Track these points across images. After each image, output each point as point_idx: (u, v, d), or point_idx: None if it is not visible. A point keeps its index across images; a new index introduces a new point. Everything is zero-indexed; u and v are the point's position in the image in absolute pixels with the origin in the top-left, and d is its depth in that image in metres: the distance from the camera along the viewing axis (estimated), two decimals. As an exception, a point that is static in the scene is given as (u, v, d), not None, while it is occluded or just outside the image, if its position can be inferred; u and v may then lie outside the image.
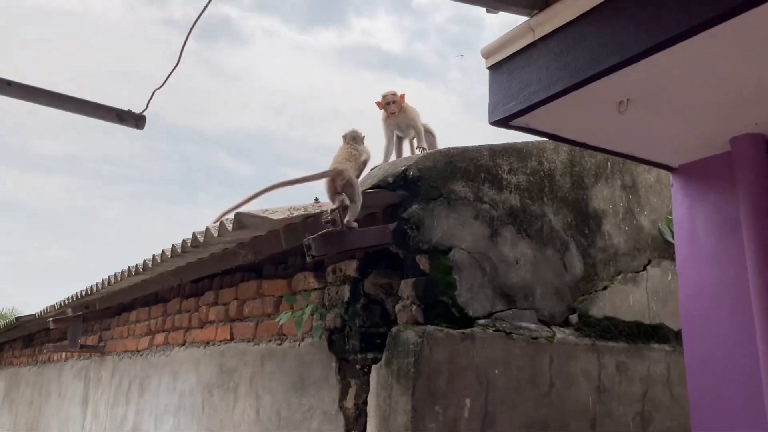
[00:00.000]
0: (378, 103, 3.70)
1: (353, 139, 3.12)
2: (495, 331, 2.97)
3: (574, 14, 2.18)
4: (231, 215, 2.97)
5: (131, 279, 4.85)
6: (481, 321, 3.00)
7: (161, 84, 1.81)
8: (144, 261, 4.30)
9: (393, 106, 3.64)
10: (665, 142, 2.71)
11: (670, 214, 3.88)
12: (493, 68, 2.52)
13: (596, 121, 2.49)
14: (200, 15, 1.80)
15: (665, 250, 3.78)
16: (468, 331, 2.89)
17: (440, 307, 2.96)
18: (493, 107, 2.50)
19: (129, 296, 5.55)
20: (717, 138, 2.61)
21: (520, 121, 2.48)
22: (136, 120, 1.72)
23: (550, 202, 3.38)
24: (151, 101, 1.78)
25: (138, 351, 5.58)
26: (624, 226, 3.65)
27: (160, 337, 5.18)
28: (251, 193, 2.66)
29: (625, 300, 3.52)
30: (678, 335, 3.70)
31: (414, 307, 2.97)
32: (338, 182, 2.81)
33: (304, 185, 2.72)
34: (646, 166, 3.86)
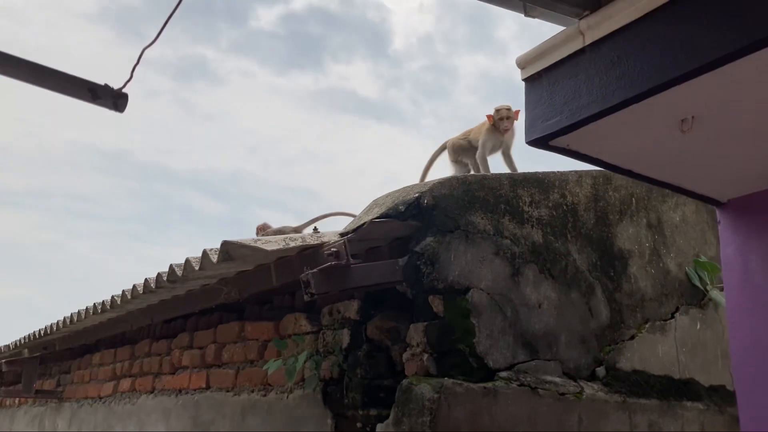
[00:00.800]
0: (489, 116, 3.39)
1: None
2: (519, 385, 2.57)
3: (634, 15, 1.86)
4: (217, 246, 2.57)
5: (96, 317, 4.36)
6: (503, 373, 2.60)
7: (150, 43, 1.44)
8: (112, 297, 3.83)
9: (507, 123, 3.33)
10: (717, 172, 2.38)
11: (698, 256, 3.56)
12: (531, 80, 2.18)
13: (648, 143, 2.15)
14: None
15: (693, 296, 3.44)
16: (490, 385, 2.49)
17: (456, 356, 2.56)
18: (530, 124, 2.14)
19: (93, 336, 5.03)
20: (778, 168, 2.30)
21: (561, 140, 2.13)
22: (114, 98, 1.34)
23: (574, 239, 3.03)
24: (132, 76, 1.42)
25: (100, 398, 5.03)
26: (650, 269, 3.30)
27: (125, 383, 4.67)
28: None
29: (653, 351, 3.16)
30: (709, 391, 3.34)
31: (425, 356, 2.57)
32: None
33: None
34: (672, 204, 3.55)
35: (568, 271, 2.95)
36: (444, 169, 3.69)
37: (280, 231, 5.05)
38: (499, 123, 3.29)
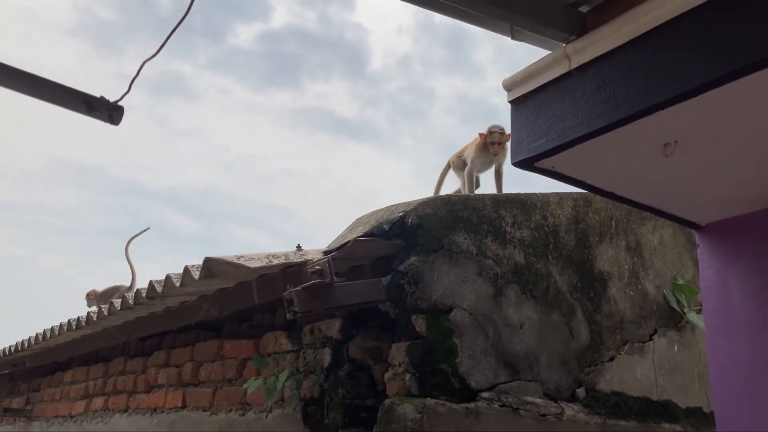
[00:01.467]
0: (481, 135, 3.38)
1: None
2: (501, 406, 2.57)
3: (620, 41, 1.89)
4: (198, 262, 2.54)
5: (70, 334, 4.28)
6: (485, 394, 2.60)
7: (151, 56, 1.43)
8: (88, 314, 3.77)
9: (497, 147, 3.33)
10: (696, 196, 2.42)
11: (675, 279, 3.61)
12: (517, 102, 2.20)
13: (630, 167, 2.18)
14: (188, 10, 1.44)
15: (671, 318, 3.48)
16: (472, 405, 2.48)
17: (438, 377, 2.55)
18: (516, 146, 2.16)
19: (65, 354, 4.94)
20: (757, 192, 2.35)
21: (546, 162, 2.15)
22: (110, 110, 1.32)
23: (555, 260, 3.05)
24: (132, 85, 1.41)
25: (71, 416, 4.92)
26: (629, 291, 3.34)
27: (98, 402, 4.57)
28: None
29: (632, 373, 3.18)
30: (686, 413, 3.36)
31: (408, 376, 2.56)
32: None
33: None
34: (650, 227, 3.60)
35: (549, 292, 2.96)
36: (454, 182, 3.69)
37: (106, 294, 5.12)
38: (490, 146, 3.31)
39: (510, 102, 2.21)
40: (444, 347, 2.58)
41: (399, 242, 2.65)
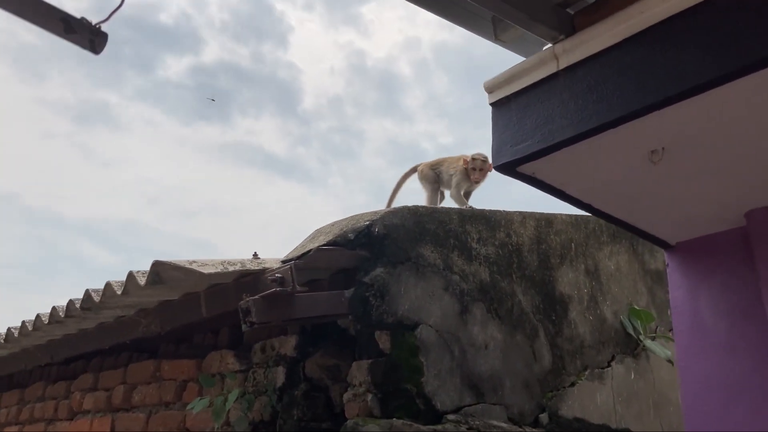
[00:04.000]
0: (465, 160, 3.28)
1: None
2: (468, 429, 2.41)
3: (614, 39, 1.83)
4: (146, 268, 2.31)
5: (-17, 355, 3.88)
6: (450, 416, 2.44)
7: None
8: (8, 330, 3.41)
9: (479, 175, 3.21)
10: (670, 213, 2.38)
11: (632, 305, 3.58)
12: (499, 104, 2.11)
13: (613, 177, 2.12)
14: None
15: (627, 345, 3.43)
16: (440, 427, 2.32)
17: (402, 397, 2.39)
18: (498, 149, 2.07)
19: (-25, 379, 4.49)
20: (730, 210, 2.32)
21: (528, 167, 2.06)
22: (91, 35, 1.11)
23: (519, 280, 2.96)
24: (111, 17, 1.20)
25: (-22, 449, 4.45)
26: (588, 316, 3.27)
27: (11, 432, 4.15)
28: None
29: (592, 399, 3.09)
30: (643, 442, 3.30)
31: (369, 396, 2.38)
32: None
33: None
34: (607, 252, 3.57)
35: (513, 312, 2.86)
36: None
37: None
38: (471, 172, 3.22)
39: (491, 104, 2.12)
40: (409, 366, 2.42)
41: (364, 253, 2.49)
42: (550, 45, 2.12)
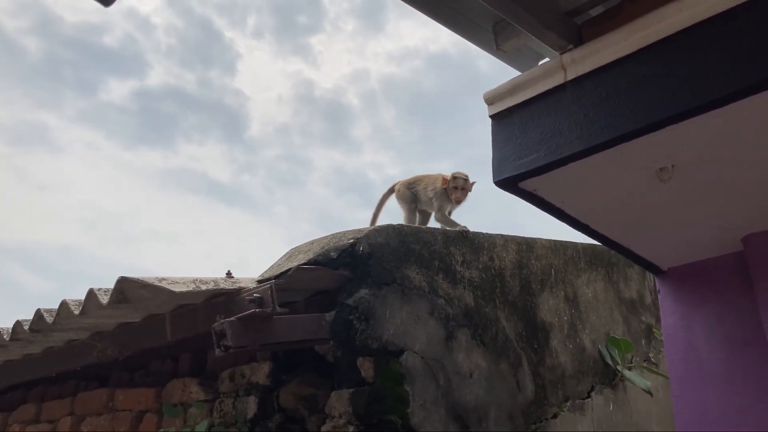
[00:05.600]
0: (445, 180, 3.14)
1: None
2: (456, 463, 2.25)
3: (629, 50, 1.74)
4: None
5: None
6: (437, 450, 2.28)
7: None
8: (-59, 355, 3.09)
9: (460, 194, 3.06)
10: (668, 237, 2.31)
11: (609, 333, 3.50)
12: (500, 116, 2.00)
13: (616, 196, 2.03)
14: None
15: (605, 375, 3.34)
16: (428, 462, 2.16)
17: (386, 430, 2.21)
18: (499, 163, 1.95)
19: None
20: (726, 234, 2.26)
21: (529, 183, 1.95)
22: None
23: (502, 305, 2.84)
24: None
25: None
26: (569, 344, 3.17)
27: (-63, 469, 3.76)
28: None
29: (574, 431, 2.97)
30: (623, 477, 3.19)
31: (351, 429, 2.20)
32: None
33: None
34: (585, 280, 3.50)
35: (498, 339, 2.73)
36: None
37: None
38: (452, 191, 3.09)
39: (491, 116, 2.01)
40: (394, 395, 2.25)
41: (347, 273, 2.33)
42: (548, 58, 2.04)
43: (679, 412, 2.31)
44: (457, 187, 3.08)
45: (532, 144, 1.89)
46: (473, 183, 3.14)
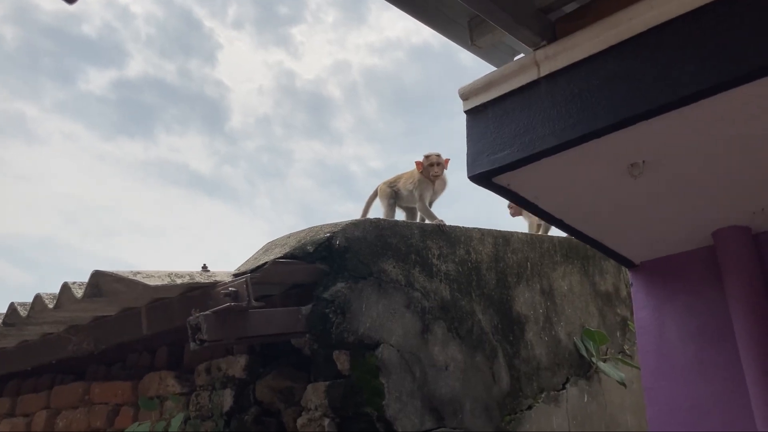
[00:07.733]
0: (418, 163, 3.18)
1: None
2: (431, 455, 2.28)
3: (600, 47, 1.76)
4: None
5: None
6: (412, 442, 2.31)
7: None
8: None
9: (438, 168, 3.06)
10: (640, 231, 2.34)
11: (585, 326, 3.54)
12: (474, 112, 2.01)
13: (588, 191, 2.05)
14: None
15: (580, 367, 3.38)
16: (403, 454, 2.18)
17: (362, 422, 2.23)
18: (473, 158, 1.96)
19: None
20: (696, 229, 2.30)
21: (503, 178, 1.96)
22: None
23: (478, 298, 2.86)
24: None
25: None
26: (544, 336, 3.21)
27: None
28: None
29: (549, 423, 3.01)
30: (597, 467, 3.24)
31: (326, 421, 2.22)
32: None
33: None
34: (561, 273, 3.53)
35: (474, 331, 2.75)
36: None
37: None
38: (429, 169, 3.11)
39: (466, 112, 2.02)
40: (369, 388, 2.27)
41: (323, 267, 2.34)
42: (523, 54, 2.06)
43: (650, 404, 2.35)
44: (432, 164, 3.11)
45: (506, 139, 1.90)
46: (447, 159, 3.18)
